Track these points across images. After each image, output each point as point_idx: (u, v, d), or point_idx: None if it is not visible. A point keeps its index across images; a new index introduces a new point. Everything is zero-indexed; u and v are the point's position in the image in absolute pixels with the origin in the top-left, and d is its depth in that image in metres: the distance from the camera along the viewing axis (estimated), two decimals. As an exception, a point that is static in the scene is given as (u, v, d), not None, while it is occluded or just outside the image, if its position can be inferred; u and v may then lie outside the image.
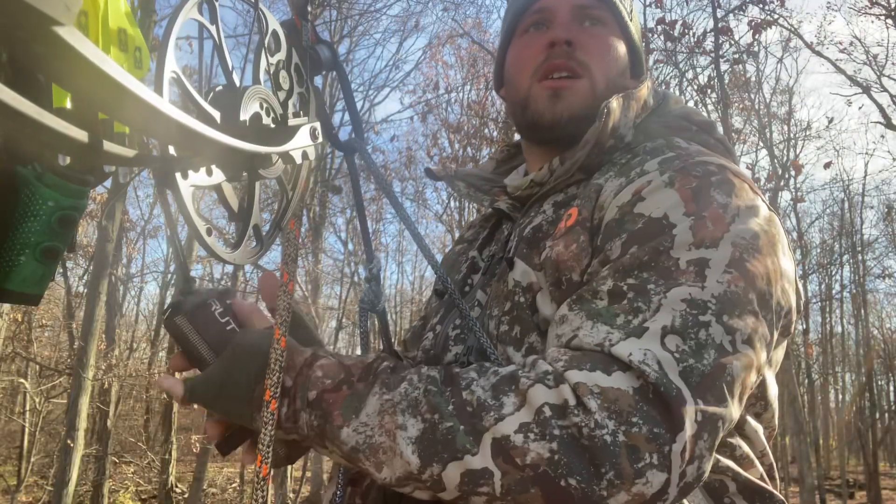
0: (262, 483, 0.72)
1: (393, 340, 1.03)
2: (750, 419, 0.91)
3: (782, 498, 0.90)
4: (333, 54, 0.79)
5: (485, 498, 0.68)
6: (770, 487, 0.89)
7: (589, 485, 0.65)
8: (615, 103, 0.94)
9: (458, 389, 0.72)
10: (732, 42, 7.56)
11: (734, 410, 0.73)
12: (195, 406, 0.81)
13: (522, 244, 0.94)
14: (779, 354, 0.93)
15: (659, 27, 6.81)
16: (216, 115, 0.58)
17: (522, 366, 0.76)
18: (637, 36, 1.08)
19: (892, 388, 23.89)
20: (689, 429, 0.67)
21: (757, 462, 0.90)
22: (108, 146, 0.48)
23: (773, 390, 0.93)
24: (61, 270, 10.75)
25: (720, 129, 1.04)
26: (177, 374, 0.88)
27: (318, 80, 0.81)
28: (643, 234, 0.79)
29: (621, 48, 1.04)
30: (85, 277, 12.28)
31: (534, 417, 0.67)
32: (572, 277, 0.84)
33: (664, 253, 0.76)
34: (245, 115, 0.62)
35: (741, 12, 7.30)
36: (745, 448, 0.89)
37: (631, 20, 1.06)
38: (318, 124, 0.69)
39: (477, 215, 1.29)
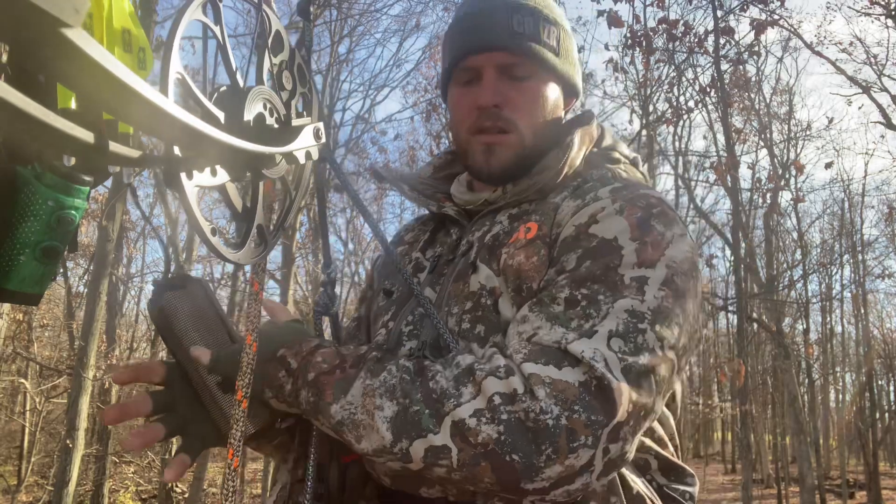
0: (233, 474, 0.83)
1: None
2: (663, 408, 1.08)
3: (692, 472, 1.08)
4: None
5: (444, 469, 0.82)
6: (682, 463, 1.08)
7: (529, 459, 0.79)
8: (577, 138, 1.11)
9: (426, 379, 0.86)
10: (733, 43, 7.56)
11: (658, 403, 0.87)
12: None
13: (484, 250, 1.06)
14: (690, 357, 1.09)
15: (661, 27, 6.82)
16: (220, 115, 0.58)
17: (480, 357, 0.89)
18: (568, 65, 1.17)
19: (892, 388, 23.91)
20: (620, 415, 0.81)
21: (669, 443, 1.08)
22: (114, 147, 0.49)
23: (678, 386, 1.09)
24: (61, 270, 10.75)
25: (642, 164, 1.23)
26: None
27: (318, 81, 0.82)
28: (596, 252, 0.93)
29: (550, 92, 1.14)
30: (85, 277, 12.29)
31: (486, 404, 0.81)
32: (532, 286, 0.97)
33: (613, 269, 0.91)
34: (249, 116, 0.62)
35: (743, 13, 7.31)
36: (661, 431, 1.07)
37: (558, 54, 1.14)
38: (321, 124, 0.70)
39: (412, 219, 1.40)
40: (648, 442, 1.04)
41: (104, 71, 0.40)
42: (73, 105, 0.59)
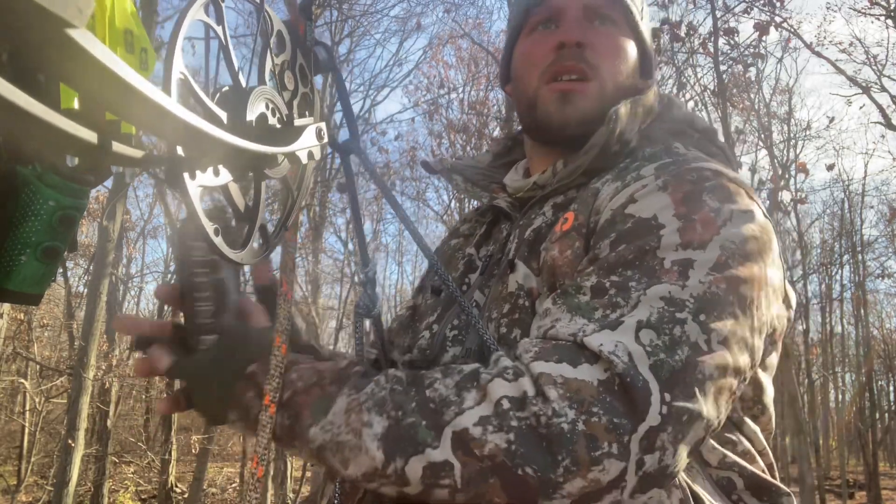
0: (257, 484, 0.76)
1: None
2: (748, 420, 0.92)
3: (789, 491, 0.91)
4: (330, 56, 0.79)
5: (447, 490, 0.70)
6: (776, 481, 0.91)
7: (545, 472, 0.67)
8: (623, 109, 0.93)
9: (422, 388, 0.74)
10: (734, 44, 7.57)
11: (707, 408, 0.72)
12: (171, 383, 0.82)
13: (524, 247, 0.94)
14: (772, 359, 0.94)
15: (664, 27, 6.82)
16: (223, 115, 0.59)
17: (487, 364, 0.78)
18: (648, 36, 1.07)
19: (892, 389, 23.91)
20: (651, 420, 0.68)
21: (759, 458, 0.92)
22: (117, 147, 0.49)
23: (769, 394, 0.95)
24: (61, 270, 10.76)
25: (721, 137, 1.05)
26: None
27: (317, 81, 0.82)
28: (631, 234, 0.80)
29: (632, 49, 1.02)
30: (85, 277, 12.28)
31: (493, 410, 0.69)
32: (566, 283, 0.84)
33: (650, 252, 0.77)
34: (251, 116, 0.62)
35: (745, 15, 7.31)
36: (747, 444, 0.91)
37: (642, 19, 1.05)
38: (323, 124, 0.70)
39: (470, 209, 1.26)
40: (732, 456, 0.88)
41: (108, 71, 0.40)
42: (75, 105, 0.60)
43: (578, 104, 0.97)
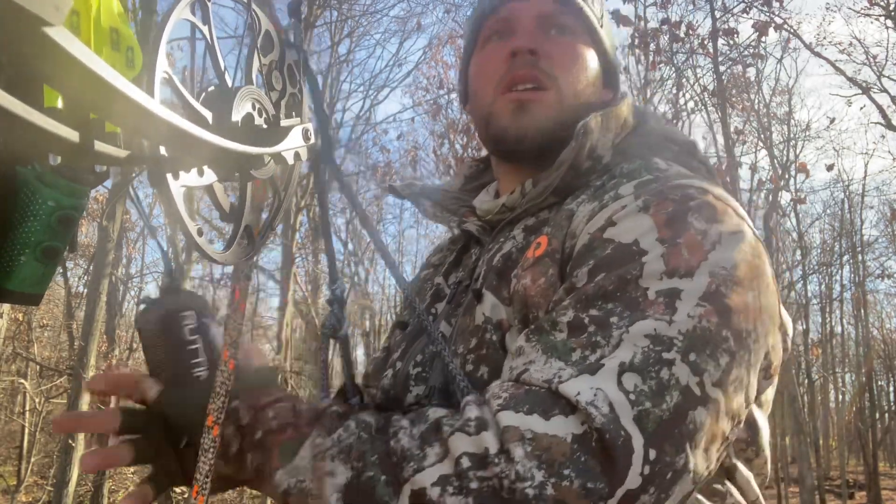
0: None
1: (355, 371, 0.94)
2: (741, 466, 0.84)
3: None
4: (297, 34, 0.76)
5: None
6: None
7: None
8: (594, 122, 0.87)
9: (387, 437, 0.68)
10: (734, 45, 7.57)
11: (697, 461, 0.65)
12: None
13: (492, 274, 0.87)
14: (768, 394, 0.86)
15: (664, 27, 6.82)
16: (208, 115, 0.58)
17: (453, 401, 0.73)
18: (609, 44, 1.01)
19: (892, 389, 23.91)
20: (631, 482, 0.61)
21: None
22: (100, 146, 0.49)
23: (765, 435, 0.87)
24: (61, 270, 10.77)
25: (702, 151, 0.97)
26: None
27: (318, 81, 0.81)
28: (610, 261, 0.73)
29: (592, 59, 0.96)
30: (85, 277, 12.29)
31: (453, 469, 0.63)
32: (539, 315, 0.77)
33: (632, 282, 0.70)
34: (237, 116, 0.62)
35: (745, 15, 7.31)
36: (737, 496, 0.82)
37: (602, 27, 0.99)
38: (310, 125, 0.70)
39: (445, 238, 1.18)
40: None
41: (86, 69, 0.40)
42: (59, 104, 0.59)
43: (535, 114, 0.91)
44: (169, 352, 0.79)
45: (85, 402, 6.47)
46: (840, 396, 25.17)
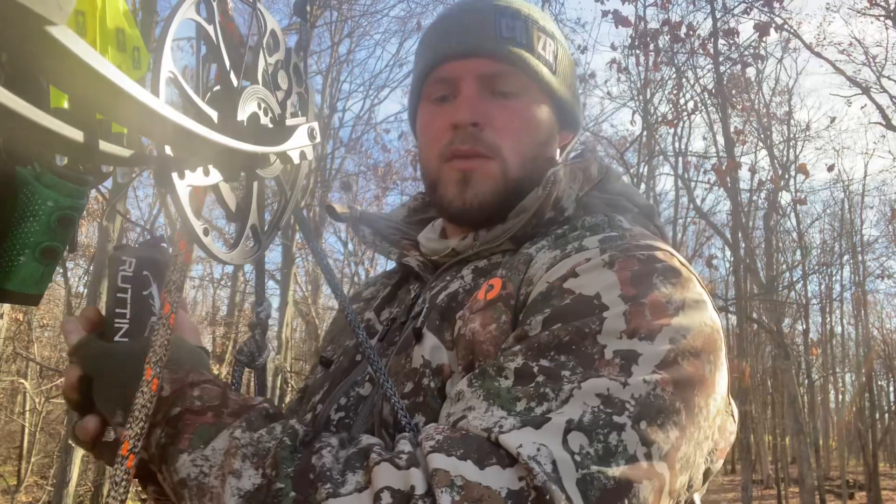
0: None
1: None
2: None
3: None
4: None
5: None
6: None
7: None
8: (562, 172, 0.86)
9: (310, 452, 0.62)
10: (734, 45, 7.58)
11: None
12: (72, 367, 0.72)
13: (435, 313, 0.83)
14: (707, 475, 0.78)
15: (664, 28, 6.83)
16: (213, 115, 0.58)
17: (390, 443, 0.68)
18: (565, 87, 0.96)
19: (892, 389, 23.91)
20: None
21: None
22: (105, 146, 0.48)
23: None
24: (61, 270, 10.77)
25: (659, 216, 0.97)
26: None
27: (317, 82, 0.81)
28: (569, 312, 0.69)
29: (541, 116, 0.92)
30: (85, 277, 12.29)
31: (370, 501, 0.57)
32: (486, 362, 0.72)
33: (589, 337, 0.66)
34: (243, 115, 0.62)
35: (745, 15, 7.32)
36: None
37: (555, 72, 0.94)
38: (315, 124, 0.69)
39: (378, 272, 1.11)
40: None
41: (90, 69, 0.40)
42: (65, 105, 0.59)
43: (479, 187, 0.88)
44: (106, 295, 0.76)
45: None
46: (840, 396, 25.20)
